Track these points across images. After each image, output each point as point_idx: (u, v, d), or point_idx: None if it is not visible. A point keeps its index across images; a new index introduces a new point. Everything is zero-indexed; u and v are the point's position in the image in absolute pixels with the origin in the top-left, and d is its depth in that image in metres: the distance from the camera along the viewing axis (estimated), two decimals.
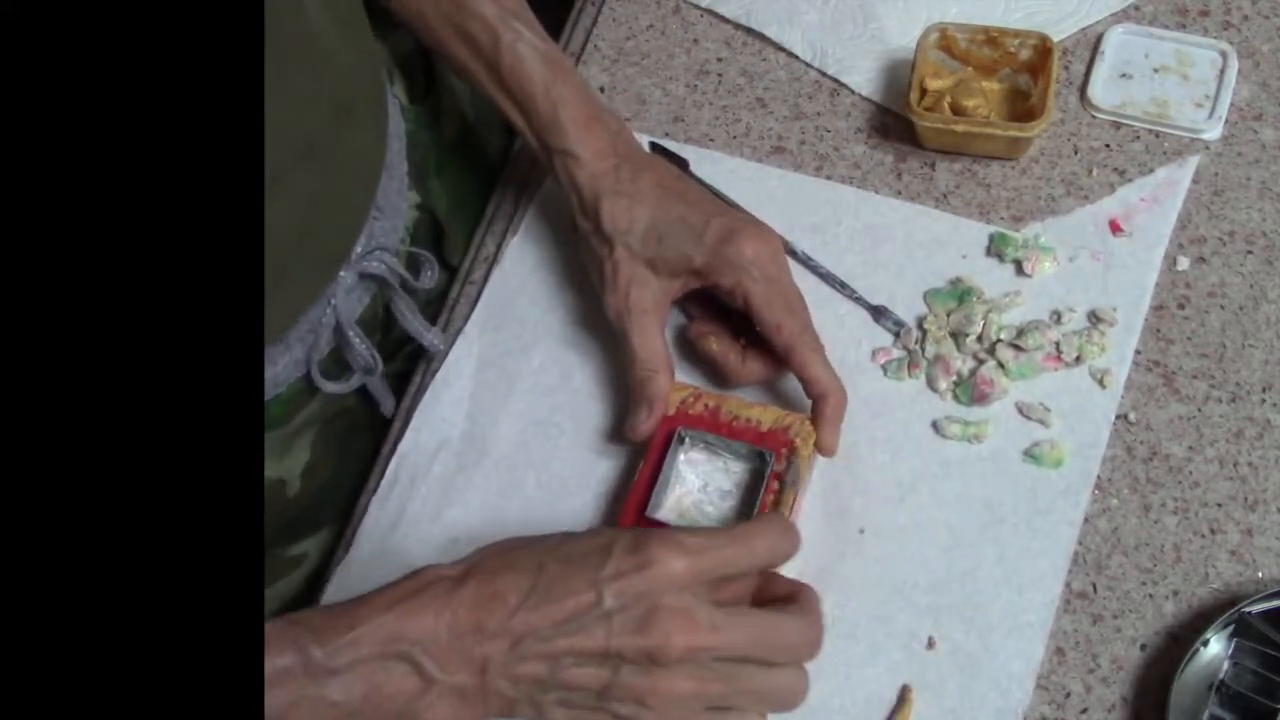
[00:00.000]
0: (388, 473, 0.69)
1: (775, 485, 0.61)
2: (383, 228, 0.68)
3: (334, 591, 0.66)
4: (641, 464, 0.63)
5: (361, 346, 0.67)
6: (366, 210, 0.66)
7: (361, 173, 0.65)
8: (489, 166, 0.81)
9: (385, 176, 0.68)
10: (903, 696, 0.59)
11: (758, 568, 0.52)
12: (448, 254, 0.76)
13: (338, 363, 0.68)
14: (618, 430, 0.68)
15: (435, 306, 0.75)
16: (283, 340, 0.64)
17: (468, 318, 0.73)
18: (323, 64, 0.59)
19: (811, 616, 0.51)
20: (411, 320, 0.70)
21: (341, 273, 0.65)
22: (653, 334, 0.65)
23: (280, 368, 0.65)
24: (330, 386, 0.67)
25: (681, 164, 0.75)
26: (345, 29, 0.62)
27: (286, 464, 0.69)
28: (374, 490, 0.69)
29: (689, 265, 0.64)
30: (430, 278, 0.70)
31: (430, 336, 0.71)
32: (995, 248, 0.69)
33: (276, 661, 0.46)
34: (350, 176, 0.64)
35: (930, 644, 0.60)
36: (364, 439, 0.73)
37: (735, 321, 0.66)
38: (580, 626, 0.48)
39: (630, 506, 0.61)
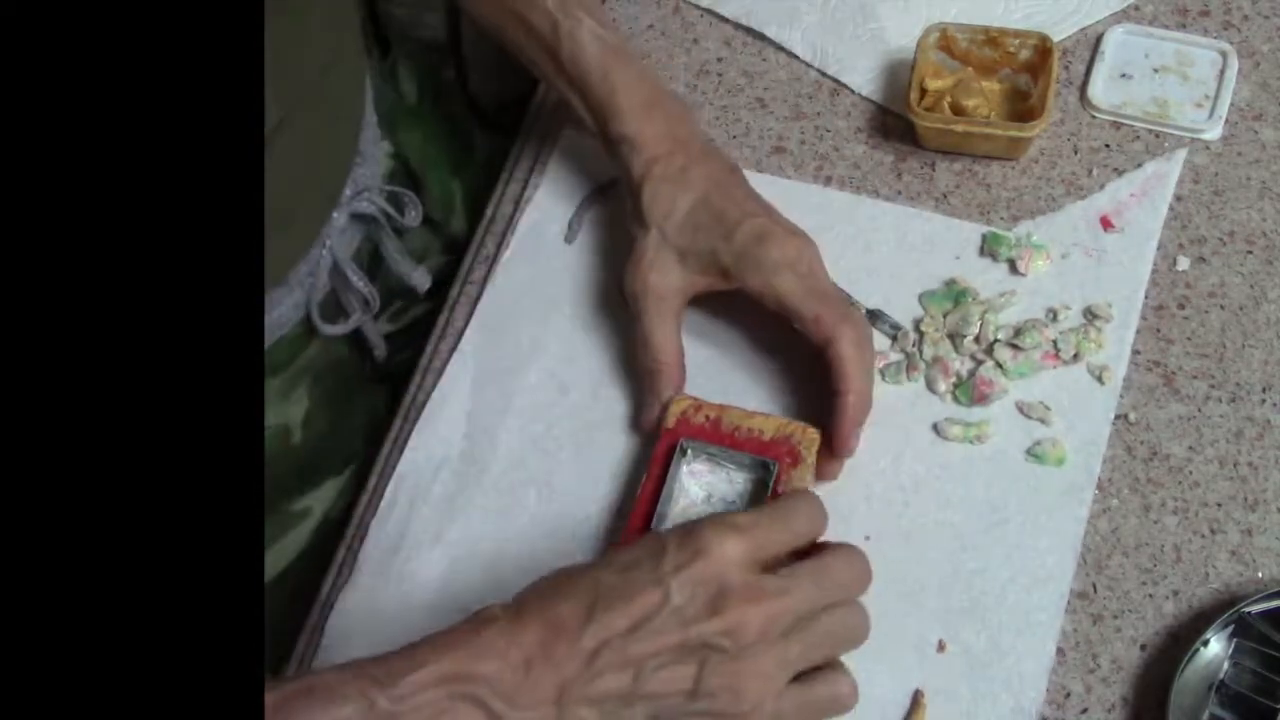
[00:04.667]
0: (386, 494, 0.71)
1: (780, 495, 0.62)
2: (364, 174, 0.72)
3: (338, 618, 0.68)
4: (644, 477, 0.64)
5: (359, 283, 0.71)
6: (352, 154, 0.70)
7: (347, 118, 0.70)
8: (452, 125, 0.85)
9: (364, 123, 0.72)
10: (915, 701, 0.61)
11: (799, 543, 0.54)
12: (429, 207, 0.79)
13: (334, 306, 0.72)
14: (619, 443, 0.70)
15: (435, 303, 0.78)
16: (284, 282, 0.68)
17: (464, 325, 0.75)
18: (309, 13, 0.63)
19: (850, 552, 0.54)
20: (399, 261, 0.74)
21: (334, 214, 0.69)
22: (667, 321, 0.67)
23: (284, 308, 0.69)
24: (329, 329, 0.71)
25: None
26: None
27: (289, 411, 0.72)
28: (373, 510, 0.71)
29: (717, 262, 0.65)
30: (415, 217, 0.73)
31: (417, 275, 0.75)
32: (988, 247, 0.71)
33: (341, 711, 0.46)
34: (339, 121, 0.69)
35: (941, 647, 0.62)
36: (356, 391, 0.77)
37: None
38: (654, 627, 0.49)
39: (634, 520, 0.63)
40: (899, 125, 0.76)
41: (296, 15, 0.61)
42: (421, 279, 0.75)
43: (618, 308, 0.72)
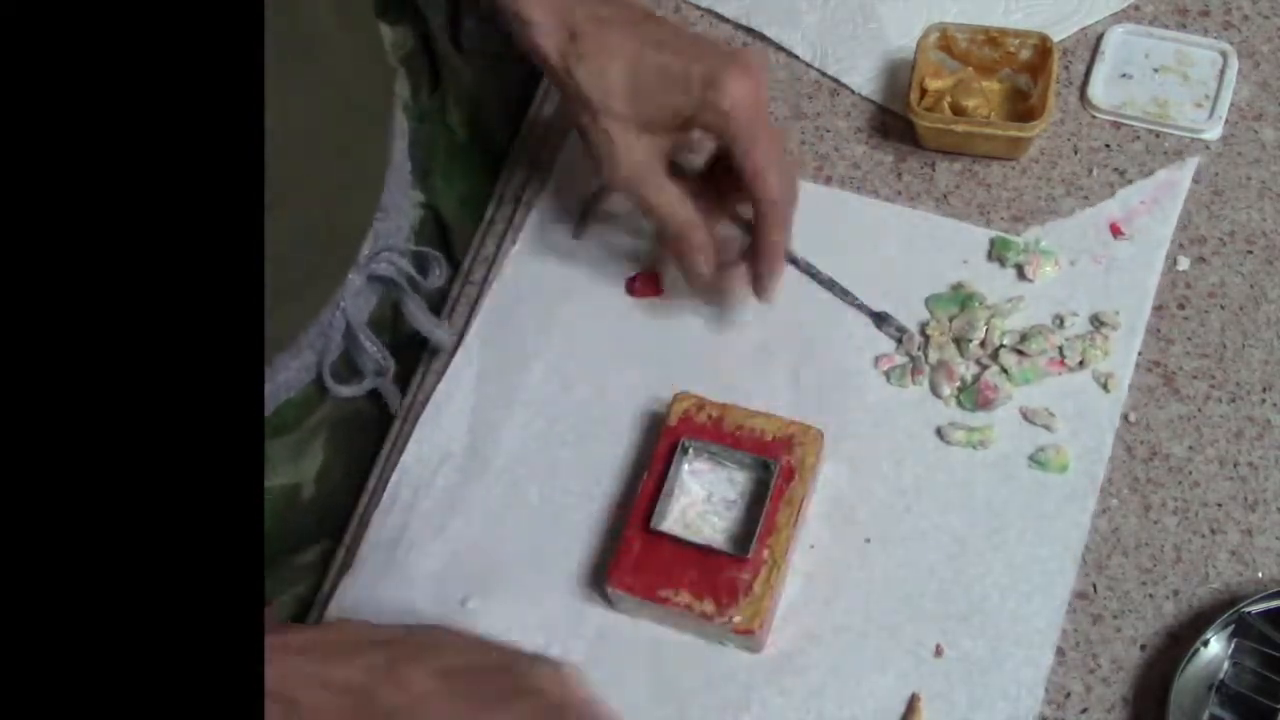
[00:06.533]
0: (389, 486, 0.71)
1: (780, 495, 0.63)
2: (387, 228, 0.70)
3: (336, 609, 0.68)
4: (645, 475, 0.65)
5: (372, 349, 0.69)
6: (373, 211, 0.68)
7: (369, 173, 0.67)
8: (496, 165, 0.83)
9: (390, 176, 0.69)
10: (911, 705, 0.61)
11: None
12: (457, 253, 0.79)
13: (348, 365, 0.70)
14: (621, 440, 0.70)
15: (436, 304, 0.77)
16: (293, 345, 0.66)
17: (467, 322, 0.75)
18: (327, 64, 0.61)
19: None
20: (421, 319, 0.72)
21: (350, 275, 0.67)
22: (665, 187, 0.65)
23: (291, 373, 0.66)
24: (342, 390, 0.68)
25: None
26: (351, 26, 0.63)
27: (301, 468, 0.71)
28: (375, 502, 0.71)
29: (680, 117, 0.63)
30: (439, 277, 0.71)
31: (440, 333, 0.73)
32: (996, 252, 0.72)
33: None
34: (358, 178, 0.66)
35: (938, 652, 0.62)
36: (371, 439, 0.75)
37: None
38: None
39: (634, 518, 0.64)
40: (899, 125, 0.77)
41: (313, 60, 0.59)
42: (444, 337, 0.73)
43: (623, 304, 0.72)
